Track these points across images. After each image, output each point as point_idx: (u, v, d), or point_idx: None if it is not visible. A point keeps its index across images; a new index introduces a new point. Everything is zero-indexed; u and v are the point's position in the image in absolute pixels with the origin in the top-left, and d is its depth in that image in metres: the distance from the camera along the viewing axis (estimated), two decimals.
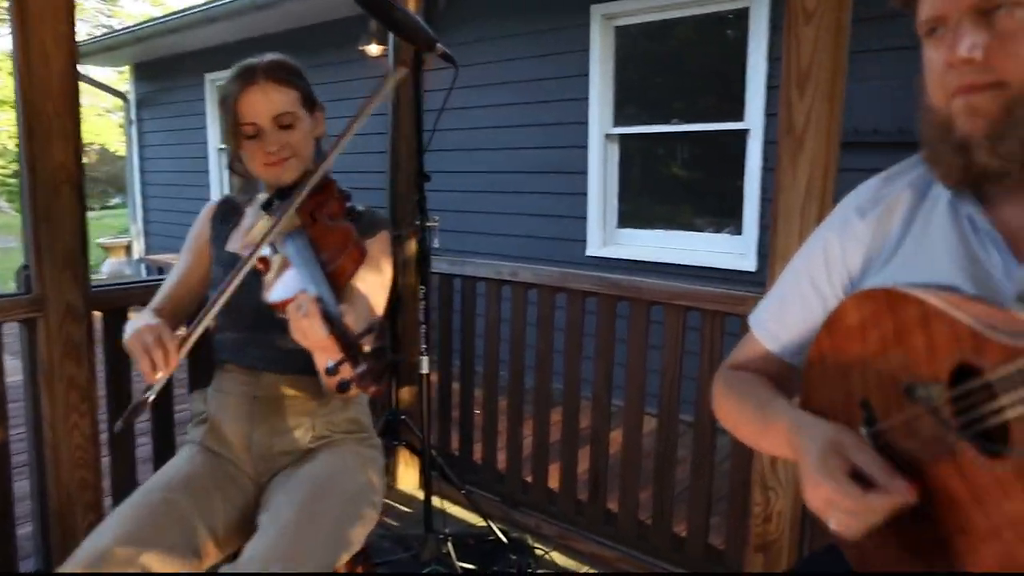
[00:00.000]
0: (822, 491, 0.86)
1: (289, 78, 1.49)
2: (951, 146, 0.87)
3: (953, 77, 0.84)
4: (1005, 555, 0.79)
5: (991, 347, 0.78)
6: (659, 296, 2.25)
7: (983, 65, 0.81)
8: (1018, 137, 0.82)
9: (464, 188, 5.26)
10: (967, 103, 0.84)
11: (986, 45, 0.80)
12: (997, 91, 0.82)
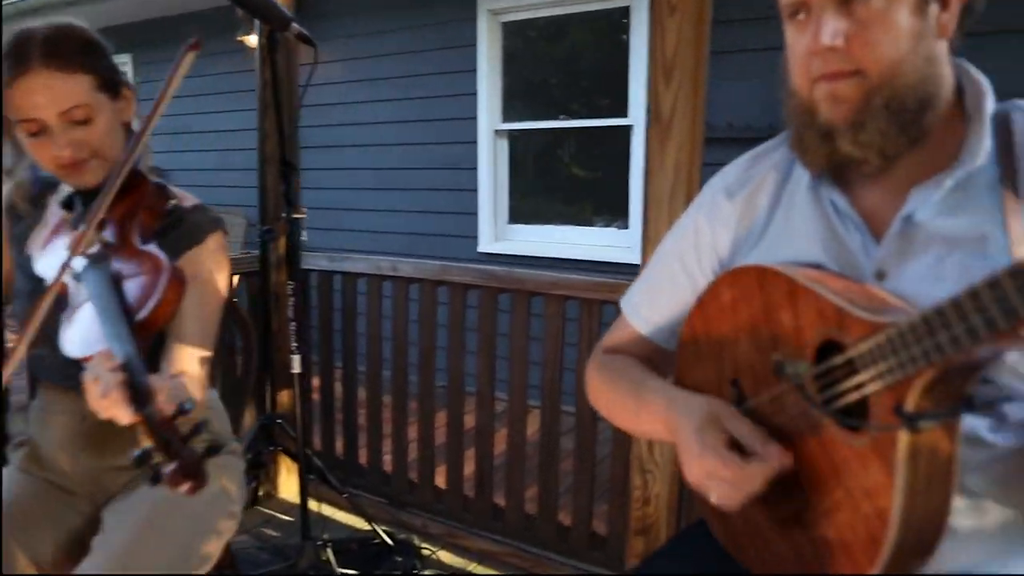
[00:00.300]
0: (702, 463, 0.87)
1: (78, 60, 1.17)
2: (816, 133, 0.89)
3: (816, 64, 0.85)
4: (859, 523, 0.81)
5: (853, 323, 0.79)
6: (539, 286, 2.24)
7: (845, 53, 0.83)
8: (876, 126, 0.84)
9: (353, 186, 5.14)
10: (830, 90, 0.85)
11: (847, 32, 0.82)
12: (858, 79, 0.84)
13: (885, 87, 0.83)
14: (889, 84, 0.83)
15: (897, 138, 0.85)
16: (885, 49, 0.82)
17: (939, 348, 0.69)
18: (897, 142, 0.86)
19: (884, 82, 0.83)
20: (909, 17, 0.82)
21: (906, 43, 0.83)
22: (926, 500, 0.78)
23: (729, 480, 0.85)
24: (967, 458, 0.84)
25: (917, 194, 0.87)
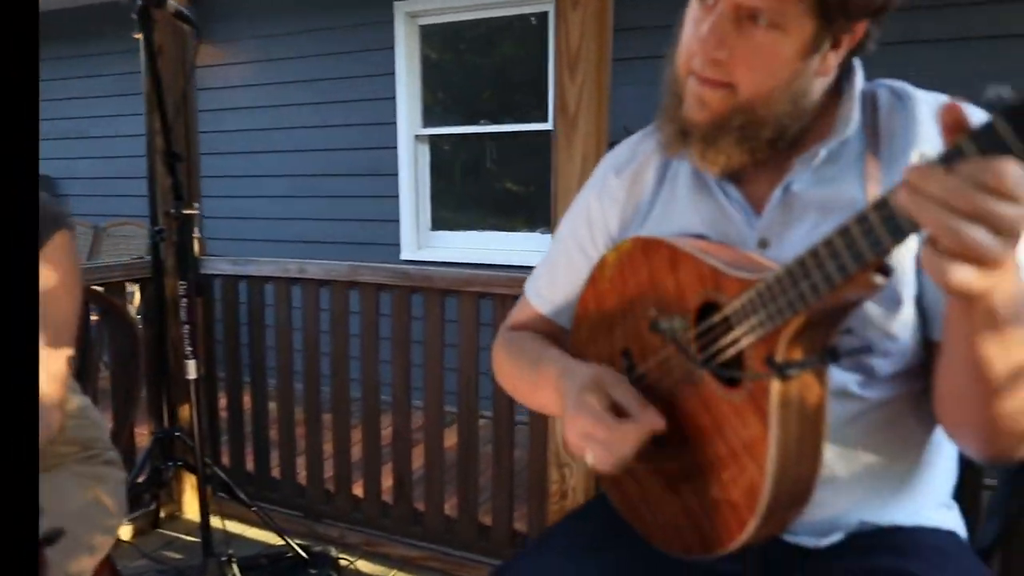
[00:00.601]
0: (578, 423, 0.88)
1: None
2: (676, 125, 0.92)
3: (697, 62, 0.87)
4: (739, 475, 0.83)
5: (729, 283, 0.82)
6: (452, 284, 2.21)
7: (725, 66, 0.85)
8: (726, 144, 0.89)
9: (267, 193, 4.99)
10: (699, 92, 0.88)
11: (734, 49, 0.84)
12: (727, 92, 0.86)
13: (747, 111, 0.87)
14: (752, 109, 0.86)
15: (741, 157, 0.90)
16: (762, 78, 0.85)
17: (802, 297, 0.72)
18: (742, 160, 0.90)
19: (748, 106, 0.86)
20: (796, 58, 0.84)
21: (783, 77, 0.85)
22: (799, 448, 0.80)
23: (602, 440, 0.86)
24: (839, 411, 0.88)
25: (796, 165, 0.90)
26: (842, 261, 0.67)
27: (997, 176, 0.56)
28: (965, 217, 0.57)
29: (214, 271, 2.57)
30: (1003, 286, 0.65)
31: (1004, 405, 0.75)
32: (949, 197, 0.57)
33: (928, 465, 0.95)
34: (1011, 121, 0.54)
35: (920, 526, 0.94)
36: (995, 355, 0.71)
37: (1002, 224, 0.58)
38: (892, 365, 0.89)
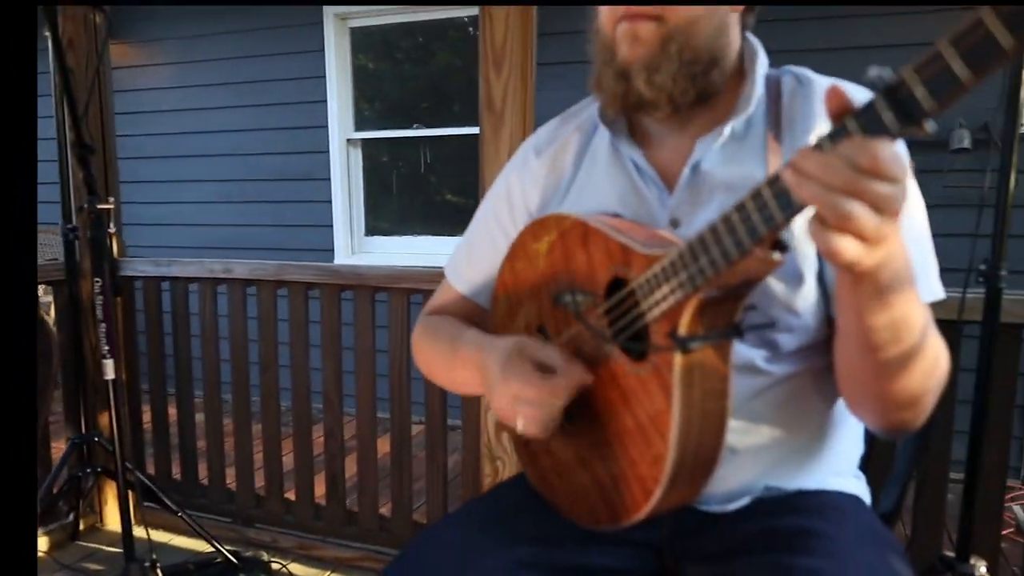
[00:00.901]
0: (507, 387, 0.89)
1: None
2: (613, 71, 0.93)
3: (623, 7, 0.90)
4: (644, 446, 0.85)
5: (636, 259, 0.85)
6: (382, 281, 2.20)
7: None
8: (669, 71, 0.89)
9: (195, 199, 4.86)
10: (631, 29, 0.90)
11: None
12: (657, 24, 0.89)
13: (680, 36, 0.89)
14: (684, 35, 0.89)
15: (686, 87, 0.91)
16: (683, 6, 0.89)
17: (702, 271, 0.75)
18: (685, 91, 0.91)
19: (680, 32, 0.89)
20: None
21: (702, 7, 0.89)
22: (702, 419, 0.83)
23: (533, 399, 0.87)
24: (745, 386, 0.92)
25: (701, 144, 0.94)
26: (738, 236, 0.70)
27: (872, 156, 0.59)
28: (843, 194, 0.60)
29: (135, 272, 2.49)
30: (888, 262, 0.68)
31: (896, 377, 0.79)
32: (827, 175, 0.60)
33: (832, 437, 0.99)
34: (889, 100, 0.57)
35: (824, 490, 0.98)
36: (883, 327, 0.75)
37: (878, 201, 0.61)
38: (796, 340, 0.92)
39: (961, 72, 0.53)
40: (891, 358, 0.78)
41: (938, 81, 0.55)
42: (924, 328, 0.79)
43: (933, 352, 0.82)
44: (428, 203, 4.66)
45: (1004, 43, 0.51)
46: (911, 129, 0.58)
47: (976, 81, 0.53)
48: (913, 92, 0.56)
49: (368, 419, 2.30)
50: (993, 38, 0.52)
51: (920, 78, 0.55)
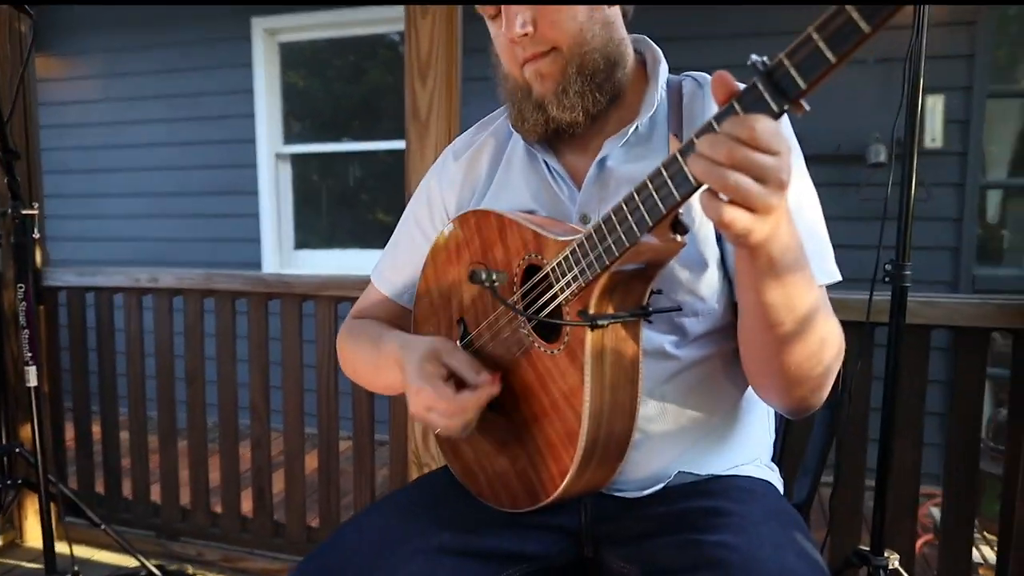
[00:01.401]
0: (421, 396, 0.93)
1: None
2: (532, 106, 1.00)
3: (519, 50, 0.98)
4: (559, 423, 0.90)
5: (548, 245, 0.91)
6: (309, 289, 2.21)
7: (537, 37, 0.96)
8: (576, 89, 0.97)
9: (122, 213, 4.75)
10: (536, 69, 0.98)
11: (534, 19, 0.95)
12: (554, 55, 0.97)
13: (576, 55, 0.97)
14: (579, 52, 0.97)
15: (596, 96, 0.99)
16: (567, 24, 0.96)
17: (609, 250, 0.81)
18: (596, 100, 0.99)
19: (575, 52, 0.97)
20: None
21: (583, 15, 0.97)
22: (613, 396, 0.89)
23: (444, 411, 0.92)
24: (657, 370, 0.98)
25: (608, 143, 1.01)
26: (640, 215, 0.76)
27: (751, 130, 0.65)
28: (728, 166, 0.67)
29: (58, 283, 2.44)
30: (778, 236, 0.75)
31: (793, 352, 0.85)
32: (713, 150, 0.67)
33: (742, 423, 1.05)
34: (767, 82, 0.65)
35: (735, 475, 1.03)
36: (779, 303, 0.81)
37: (761, 172, 0.67)
38: (703, 325, 0.99)
39: (828, 54, 0.61)
40: (786, 333, 0.84)
41: (808, 63, 0.63)
42: (816, 306, 0.85)
43: (825, 329, 0.88)
44: (357, 218, 4.67)
45: (863, 27, 0.59)
46: (788, 106, 0.65)
47: (840, 62, 0.61)
48: (788, 72, 0.64)
49: (296, 434, 2.28)
50: (854, 23, 0.60)
51: (792, 61, 0.63)
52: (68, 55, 4.67)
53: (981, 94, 3.22)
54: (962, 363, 1.69)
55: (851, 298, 1.65)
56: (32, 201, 1.72)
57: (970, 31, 3.22)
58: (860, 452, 1.78)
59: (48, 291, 2.45)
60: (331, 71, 4.64)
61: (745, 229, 0.70)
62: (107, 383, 2.50)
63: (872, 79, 3.00)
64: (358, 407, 2.18)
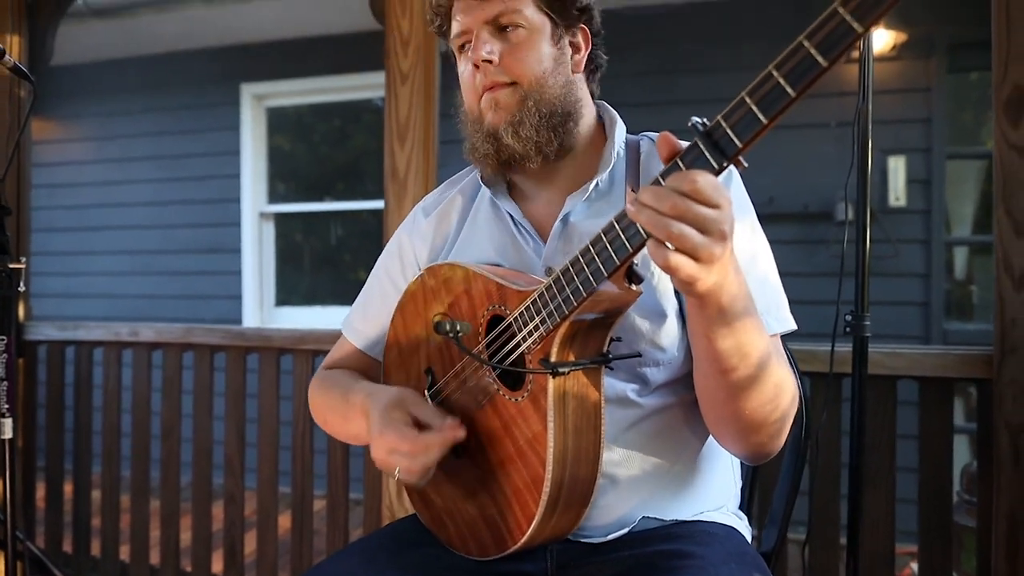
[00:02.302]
0: (384, 440, 0.95)
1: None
2: (483, 135, 1.06)
3: (479, 78, 1.05)
4: (524, 470, 0.93)
5: (511, 295, 0.95)
6: (287, 343, 2.23)
7: (500, 67, 1.03)
8: (532, 123, 1.03)
9: (108, 271, 4.77)
10: (492, 98, 1.05)
11: (501, 52, 1.03)
12: (513, 88, 1.04)
13: (535, 94, 1.04)
14: (538, 92, 1.04)
15: (549, 137, 1.05)
16: (532, 65, 1.04)
17: (567, 300, 0.85)
18: (550, 141, 1.05)
19: (534, 90, 1.04)
20: (549, 45, 1.06)
21: (548, 63, 1.05)
22: (577, 441, 0.91)
23: (407, 452, 0.93)
24: (620, 417, 1.00)
25: (571, 199, 1.06)
26: (596, 266, 0.81)
27: (693, 183, 0.70)
28: (672, 217, 0.71)
29: (39, 337, 2.45)
30: (726, 285, 0.78)
31: (748, 398, 0.88)
32: (658, 202, 0.71)
33: (706, 470, 1.07)
34: (706, 141, 0.70)
35: (700, 520, 1.05)
36: (731, 350, 0.84)
37: (702, 222, 0.71)
38: (663, 374, 1.02)
39: (760, 116, 0.67)
40: (739, 379, 0.87)
41: (743, 124, 0.68)
42: (768, 353, 0.88)
43: (779, 376, 0.91)
44: (338, 276, 4.72)
45: (790, 92, 0.66)
46: (726, 163, 0.71)
47: (771, 123, 0.67)
48: (726, 133, 0.69)
49: (270, 492, 2.27)
50: (782, 88, 0.66)
51: (728, 123, 0.69)
52: (63, 119, 4.77)
53: (940, 155, 3.36)
54: (927, 413, 1.71)
55: (818, 350, 1.69)
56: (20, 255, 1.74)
57: (926, 97, 3.38)
58: (833, 505, 1.78)
59: (28, 345, 2.46)
60: (315, 134, 4.75)
61: (690, 276, 0.73)
62: (82, 441, 2.48)
63: (836, 141, 3.13)
64: (333, 464, 2.18)
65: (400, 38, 2.06)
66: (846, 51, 0.64)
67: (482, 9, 1.04)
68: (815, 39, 0.64)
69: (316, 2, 3.80)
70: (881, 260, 3.26)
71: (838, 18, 0.63)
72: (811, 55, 0.65)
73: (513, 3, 1.03)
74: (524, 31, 1.04)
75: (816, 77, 0.65)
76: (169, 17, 4.03)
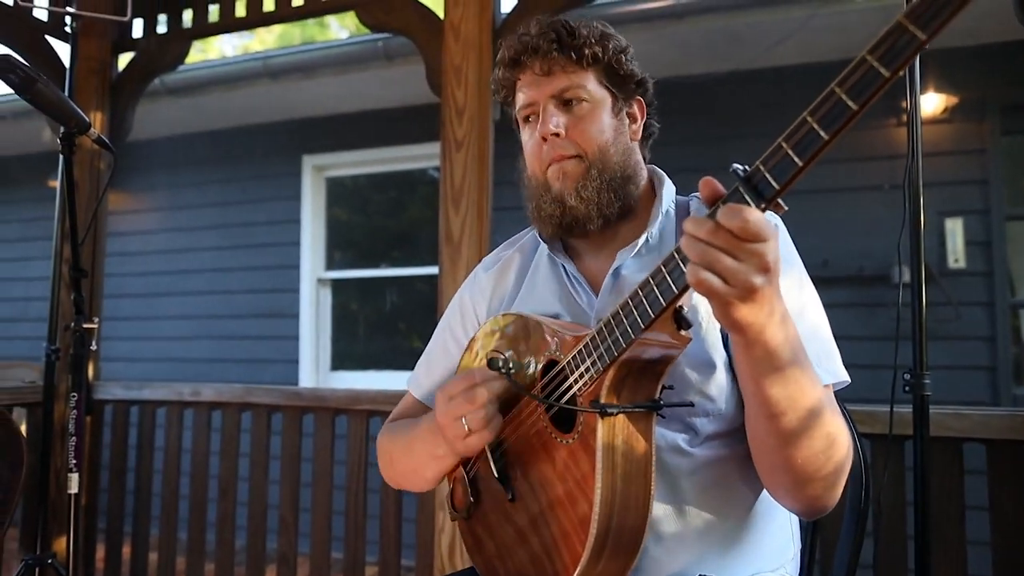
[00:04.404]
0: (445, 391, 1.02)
1: None
2: (550, 199, 1.12)
3: (546, 150, 1.12)
4: (573, 512, 0.94)
5: (566, 342, 0.99)
6: (342, 403, 2.28)
7: (566, 140, 1.10)
8: (594, 186, 1.09)
9: (172, 335, 4.95)
10: (560, 169, 1.11)
11: (566, 125, 1.10)
12: (579, 160, 1.11)
13: (598, 163, 1.10)
14: (601, 162, 1.10)
15: (610, 199, 1.10)
16: (596, 137, 1.10)
17: (616, 343, 0.88)
18: (611, 203, 1.10)
19: (597, 160, 1.10)
20: (609, 117, 1.13)
21: (609, 134, 1.12)
22: (626, 486, 0.91)
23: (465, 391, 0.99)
24: (672, 465, 1.01)
25: (621, 253, 1.11)
26: (643, 308, 0.84)
27: (740, 218, 0.73)
28: (720, 250, 0.74)
29: (106, 396, 2.55)
30: (771, 326, 0.79)
31: (800, 448, 0.88)
32: (707, 235, 0.74)
33: (760, 528, 1.05)
34: (745, 185, 0.74)
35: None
36: (779, 396, 0.85)
37: (749, 257, 0.74)
38: (714, 426, 1.02)
39: (795, 159, 0.71)
40: (789, 427, 0.87)
41: (779, 168, 0.72)
42: (821, 404, 0.88)
43: (833, 427, 0.90)
44: (393, 341, 4.79)
45: (824, 135, 0.69)
46: (765, 205, 0.74)
47: (807, 165, 0.70)
48: (764, 177, 0.73)
49: (322, 556, 2.29)
50: (816, 132, 0.69)
51: (766, 167, 0.73)
52: (135, 190, 5.05)
53: (999, 216, 3.30)
54: (998, 479, 1.64)
55: (877, 411, 1.65)
56: (92, 316, 1.84)
57: (981, 158, 3.34)
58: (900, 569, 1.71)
59: (96, 403, 2.56)
60: (372, 203, 4.91)
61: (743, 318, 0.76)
62: (142, 502, 2.55)
63: (889, 204, 3.10)
64: (385, 530, 2.19)
65: (455, 107, 2.16)
66: (876, 95, 0.67)
67: (549, 84, 1.11)
68: (846, 85, 0.68)
69: (374, 78, 3.99)
70: (942, 323, 3.18)
71: (867, 65, 0.67)
72: (842, 100, 0.68)
73: (577, 79, 1.10)
74: (587, 104, 1.11)
75: (848, 121, 0.68)
76: (237, 94, 4.28)
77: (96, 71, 2.64)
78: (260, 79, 4.13)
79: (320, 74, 3.99)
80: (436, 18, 2.28)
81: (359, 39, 3.90)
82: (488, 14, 2.18)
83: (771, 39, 3.25)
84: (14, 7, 2.31)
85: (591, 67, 1.11)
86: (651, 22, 3.31)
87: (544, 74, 1.11)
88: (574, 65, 1.10)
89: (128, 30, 2.73)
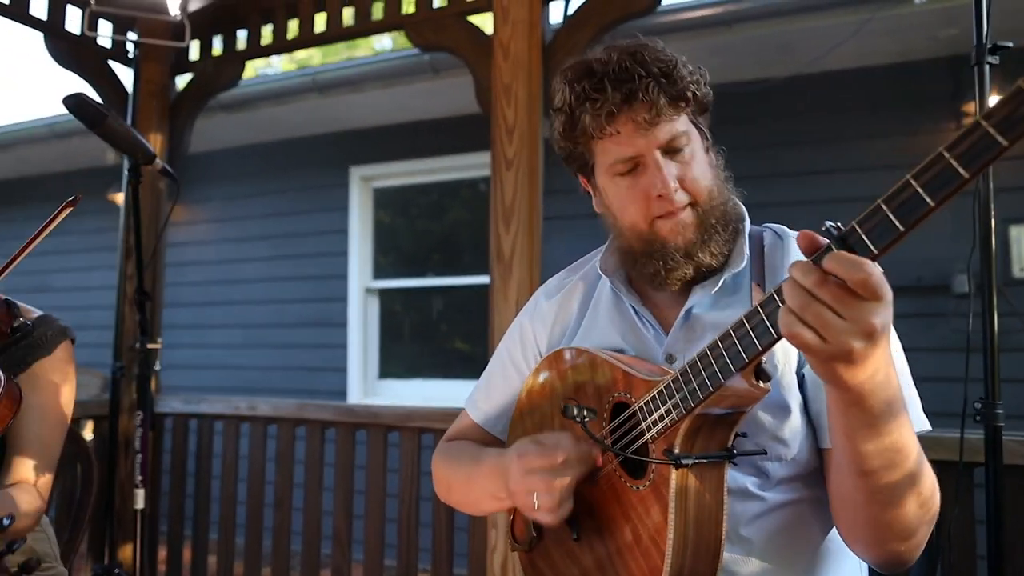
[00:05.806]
0: (521, 463, 0.98)
1: None
2: (678, 254, 1.04)
3: (656, 205, 1.04)
4: (642, 558, 0.93)
5: (637, 383, 0.97)
6: (395, 420, 2.30)
7: (679, 192, 1.03)
8: (719, 238, 1.05)
9: (227, 343, 5.07)
10: (677, 222, 1.03)
11: (678, 176, 1.03)
12: (692, 209, 1.04)
13: (711, 209, 1.04)
14: (711, 206, 1.05)
15: (727, 236, 1.05)
16: (704, 182, 1.05)
17: (694, 392, 0.86)
18: (722, 254, 1.05)
19: (709, 206, 1.04)
20: (707, 155, 1.07)
21: (712, 174, 1.07)
22: (698, 534, 0.90)
23: (545, 467, 0.95)
24: (742, 510, 0.98)
25: (698, 290, 1.06)
26: (724, 362, 0.81)
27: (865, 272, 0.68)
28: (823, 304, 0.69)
29: (167, 409, 2.63)
30: (873, 387, 0.75)
31: (890, 505, 0.84)
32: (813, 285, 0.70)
33: (833, 568, 1.02)
34: (839, 246, 0.70)
35: None
36: (875, 455, 0.80)
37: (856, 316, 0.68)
38: (786, 470, 0.99)
39: (897, 224, 0.68)
40: (884, 484, 0.82)
41: (878, 231, 0.69)
42: (918, 464, 0.83)
43: (927, 488, 0.86)
44: (438, 349, 4.82)
45: (930, 202, 0.66)
46: None
47: (909, 230, 0.67)
48: (860, 238, 0.70)
49: (375, 564, 2.31)
50: (920, 197, 0.66)
51: (863, 228, 0.70)
52: (190, 202, 5.18)
53: None
54: None
55: (944, 436, 1.58)
56: (156, 335, 1.91)
57: None
58: None
59: (157, 417, 2.63)
60: (418, 212, 4.96)
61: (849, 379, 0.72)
62: (201, 507, 2.61)
63: (950, 209, 3.00)
64: (437, 539, 2.20)
65: (505, 126, 2.16)
66: (988, 164, 0.64)
67: (654, 135, 1.02)
68: (956, 151, 0.65)
69: (420, 90, 4.02)
70: (1009, 335, 3.06)
71: (981, 131, 0.63)
72: (952, 166, 0.65)
73: (679, 124, 1.03)
74: (689, 149, 1.04)
75: (957, 188, 0.65)
76: (287, 108, 4.36)
77: (156, 94, 2.72)
78: (309, 93, 4.20)
79: (367, 88, 4.05)
80: (485, 37, 2.28)
81: (405, 53, 3.93)
82: (537, 32, 2.17)
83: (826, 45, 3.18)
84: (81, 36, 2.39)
85: (686, 107, 1.04)
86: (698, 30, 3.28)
87: (650, 124, 1.01)
88: (673, 109, 1.02)
89: (185, 53, 2.81)
